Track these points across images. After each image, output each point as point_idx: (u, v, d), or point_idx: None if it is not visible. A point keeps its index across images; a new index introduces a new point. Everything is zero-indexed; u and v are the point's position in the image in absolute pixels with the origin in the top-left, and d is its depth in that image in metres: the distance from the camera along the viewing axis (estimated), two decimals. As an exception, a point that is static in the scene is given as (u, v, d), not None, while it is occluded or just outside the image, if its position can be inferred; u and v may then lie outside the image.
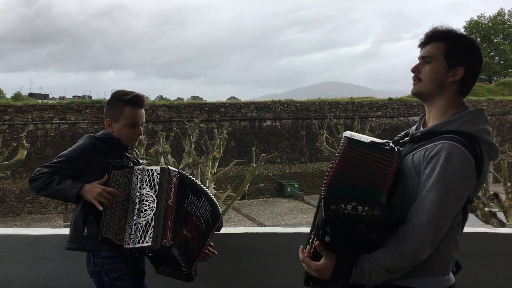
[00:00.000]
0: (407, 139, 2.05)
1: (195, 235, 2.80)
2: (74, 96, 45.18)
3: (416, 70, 2.04)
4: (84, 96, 43.65)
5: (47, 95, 53.68)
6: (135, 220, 2.56)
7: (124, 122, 2.83)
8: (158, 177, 2.62)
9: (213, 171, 16.79)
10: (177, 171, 2.73)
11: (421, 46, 2.07)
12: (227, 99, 43.44)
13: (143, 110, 2.92)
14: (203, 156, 17.09)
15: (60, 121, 25.91)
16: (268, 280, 3.47)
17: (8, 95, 30.43)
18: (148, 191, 2.60)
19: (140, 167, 2.69)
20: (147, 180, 2.63)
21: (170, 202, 2.61)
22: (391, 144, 1.96)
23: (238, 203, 23.59)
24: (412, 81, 2.07)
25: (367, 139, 1.95)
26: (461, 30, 2.06)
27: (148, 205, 2.57)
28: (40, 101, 30.61)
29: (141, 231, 2.52)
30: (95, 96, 42.75)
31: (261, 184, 22.17)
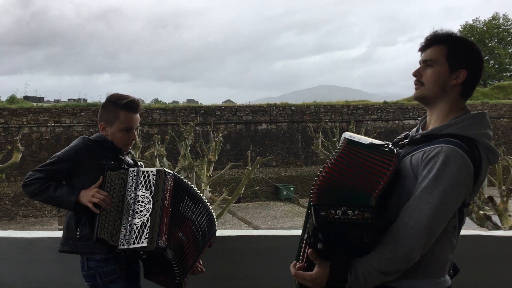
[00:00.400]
0: (407, 141, 2.04)
1: (191, 243, 2.79)
2: (69, 99, 45.08)
3: (418, 74, 2.03)
4: (79, 99, 43.55)
5: (42, 98, 53.50)
6: (130, 221, 2.56)
7: (119, 126, 2.83)
8: (154, 178, 2.63)
9: (208, 174, 16.78)
10: (172, 173, 2.74)
11: (421, 50, 2.06)
12: (223, 102, 43.45)
13: (138, 115, 2.92)
14: (198, 159, 17.07)
15: (55, 124, 25.85)
16: (264, 283, 3.47)
17: (3, 98, 30.26)
18: (144, 192, 2.60)
19: (135, 169, 2.70)
20: (143, 181, 2.64)
21: (166, 203, 2.62)
22: (390, 145, 1.96)
23: (233, 206, 23.57)
24: (414, 85, 2.06)
25: (367, 141, 1.94)
26: (458, 33, 2.05)
27: (143, 206, 2.57)
28: (35, 104, 30.46)
29: (136, 231, 2.52)
30: (90, 99, 42.70)
31: (256, 188, 22.15)
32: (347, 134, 2.00)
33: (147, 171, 2.67)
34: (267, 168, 28.88)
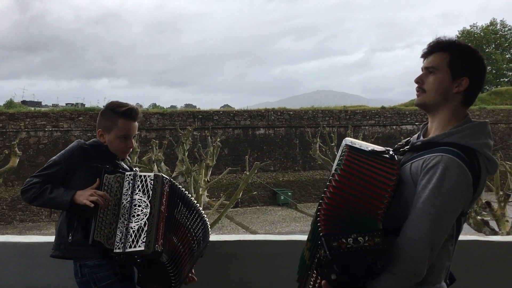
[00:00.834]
0: (407, 147, 2.03)
1: (187, 251, 2.80)
2: (67, 104, 45.01)
3: (419, 81, 2.03)
4: (77, 103, 43.50)
5: (40, 102, 53.39)
6: (126, 224, 2.56)
7: (117, 133, 2.84)
8: (152, 183, 2.65)
9: (206, 179, 16.76)
10: (168, 178, 2.76)
11: (423, 56, 2.05)
12: (221, 107, 43.46)
13: (136, 123, 2.93)
14: (196, 164, 17.05)
15: (53, 128, 25.82)
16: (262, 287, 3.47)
17: (1, 103, 30.24)
18: (141, 196, 2.61)
19: (132, 173, 2.71)
20: (140, 185, 2.64)
21: (163, 208, 2.63)
22: (391, 152, 1.96)
23: (231, 211, 23.56)
24: (416, 91, 2.05)
25: (368, 147, 1.94)
26: (461, 40, 2.06)
27: (141, 210, 2.58)
28: (32, 108, 30.46)
29: (133, 235, 2.52)
30: (88, 104, 42.67)
31: (254, 192, 22.14)
32: (348, 140, 2.00)
33: (145, 176, 2.69)
34: (265, 173, 28.86)
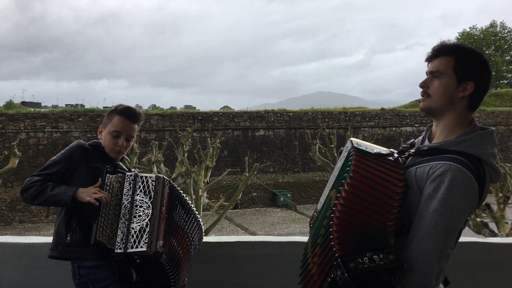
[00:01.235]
0: (413, 151, 2.01)
1: (185, 254, 2.82)
2: (66, 105, 45.06)
3: (424, 86, 2.01)
4: (77, 104, 43.52)
5: (40, 103, 53.38)
6: (127, 225, 2.56)
7: (109, 129, 2.87)
8: (154, 184, 2.66)
9: (206, 180, 16.74)
10: (168, 180, 2.78)
11: (428, 60, 2.04)
12: (220, 108, 43.43)
13: (134, 125, 2.92)
14: (196, 165, 17.03)
15: (53, 129, 25.80)
16: (261, 289, 3.47)
17: (0, 103, 30.22)
18: (143, 197, 2.62)
19: (133, 174, 2.72)
20: (141, 186, 2.66)
21: (163, 209, 2.64)
22: (395, 154, 1.96)
23: (230, 213, 23.55)
24: (421, 96, 2.04)
25: (373, 149, 1.94)
26: (466, 43, 2.03)
27: (142, 211, 2.58)
28: (32, 109, 30.43)
29: (134, 236, 2.52)
30: (88, 105, 42.63)
31: (253, 194, 22.11)
32: (354, 142, 1.98)
33: (146, 177, 2.70)
34: (265, 174, 28.85)
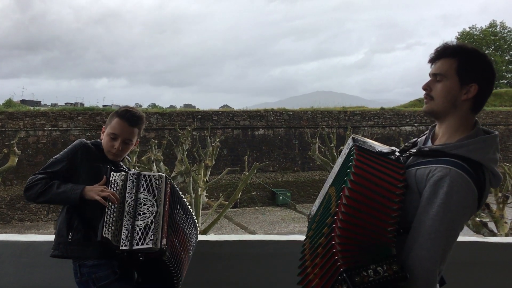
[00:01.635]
0: (414, 151, 2.01)
1: (186, 253, 2.85)
2: (66, 103, 45.03)
3: (427, 88, 2.00)
4: (77, 103, 43.54)
5: (39, 102, 53.41)
6: (131, 222, 2.58)
7: (108, 130, 2.88)
8: (157, 182, 2.70)
9: (205, 179, 16.73)
10: (169, 179, 2.81)
11: (431, 62, 2.02)
12: (220, 107, 43.47)
13: (132, 129, 2.89)
14: (195, 164, 17.02)
15: (52, 128, 25.80)
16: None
17: (0, 102, 30.25)
18: (146, 195, 2.65)
19: (135, 172, 2.74)
20: (144, 184, 2.68)
21: (166, 208, 2.68)
22: (396, 153, 1.96)
23: (230, 212, 23.54)
24: (424, 98, 2.02)
25: (375, 148, 1.95)
26: (469, 44, 2.00)
27: (146, 208, 2.61)
28: (32, 107, 30.46)
29: (140, 233, 2.55)
30: (88, 104, 42.71)
31: (253, 193, 22.13)
32: (356, 139, 1.99)
33: (149, 175, 2.73)
34: (264, 174, 28.86)
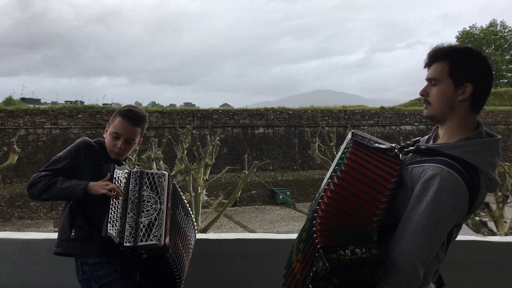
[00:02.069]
0: (412, 148, 2.01)
1: (187, 252, 2.87)
2: (66, 101, 45.04)
3: (424, 93, 2.00)
4: (77, 101, 43.51)
5: (39, 100, 53.37)
6: (135, 219, 2.60)
7: (111, 129, 2.88)
8: (160, 180, 2.73)
9: (205, 178, 16.74)
10: (171, 177, 2.83)
11: (426, 67, 2.02)
12: (220, 106, 43.46)
13: (135, 128, 2.87)
14: (195, 163, 17.03)
15: (52, 126, 25.77)
16: (261, 286, 3.47)
17: (0, 100, 30.22)
18: (149, 193, 2.68)
19: (138, 170, 2.75)
20: (147, 182, 2.70)
21: (169, 205, 2.71)
22: (396, 150, 1.96)
23: (229, 210, 23.55)
24: (423, 103, 2.03)
25: (374, 143, 1.95)
26: (462, 44, 1.99)
27: (150, 205, 2.64)
28: (32, 105, 30.44)
29: (144, 230, 2.57)
30: (88, 102, 42.66)
31: (253, 191, 22.13)
32: (355, 135, 1.99)
33: (152, 173, 2.75)
34: (264, 172, 28.87)
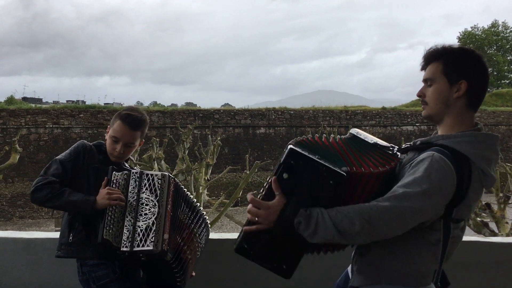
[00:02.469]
0: (409, 145, 2.04)
1: (193, 251, 2.83)
2: (68, 101, 45.10)
3: (421, 95, 2.04)
4: (78, 101, 43.56)
5: (41, 99, 53.42)
6: (133, 223, 2.56)
7: (110, 133, 2.84)
8: (159, 182, 2.65)
9: (206, 178, 16.74)
10: (173, 178, 2.77)
11: (422, 69, 2.06)
12: (221, 106, 43.51)
13: (134, 132, 2.82)
14: (196, 163, 17.04)
15: (53, 125, 25.79)
16: (262, 285, 3.47)
17: (1, 99, 30.18)
18: (148, 195, 2.61)
19: (138, 171, 2.70)
20: (147, 184, 2.64)
21: (169, 208, 2.64)
22: (395, 150, 1.98)
23: (231, 210, 23.48)
24: (422, 105, 2.07)
25: (372, 140, 1.98)
26: (456, 44, 2.03)
27: (148, 209, 2.58)
28: (33, 105, 30.43)
29: (141, 234, 2.52)
30: (89, 101, 42.68)
31: (254, 191, 22.09)
32: (355, 131, 2.04)
33: (152, 175, 2.69)
34: (265, 172, 28.84)
